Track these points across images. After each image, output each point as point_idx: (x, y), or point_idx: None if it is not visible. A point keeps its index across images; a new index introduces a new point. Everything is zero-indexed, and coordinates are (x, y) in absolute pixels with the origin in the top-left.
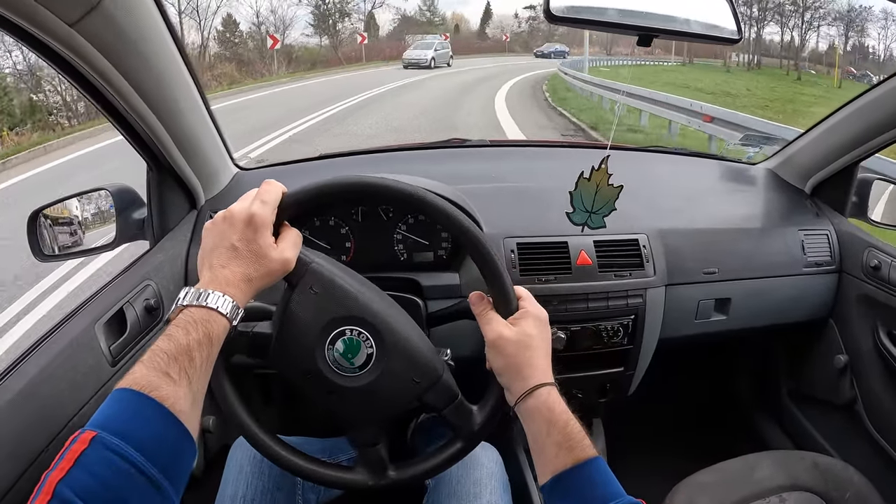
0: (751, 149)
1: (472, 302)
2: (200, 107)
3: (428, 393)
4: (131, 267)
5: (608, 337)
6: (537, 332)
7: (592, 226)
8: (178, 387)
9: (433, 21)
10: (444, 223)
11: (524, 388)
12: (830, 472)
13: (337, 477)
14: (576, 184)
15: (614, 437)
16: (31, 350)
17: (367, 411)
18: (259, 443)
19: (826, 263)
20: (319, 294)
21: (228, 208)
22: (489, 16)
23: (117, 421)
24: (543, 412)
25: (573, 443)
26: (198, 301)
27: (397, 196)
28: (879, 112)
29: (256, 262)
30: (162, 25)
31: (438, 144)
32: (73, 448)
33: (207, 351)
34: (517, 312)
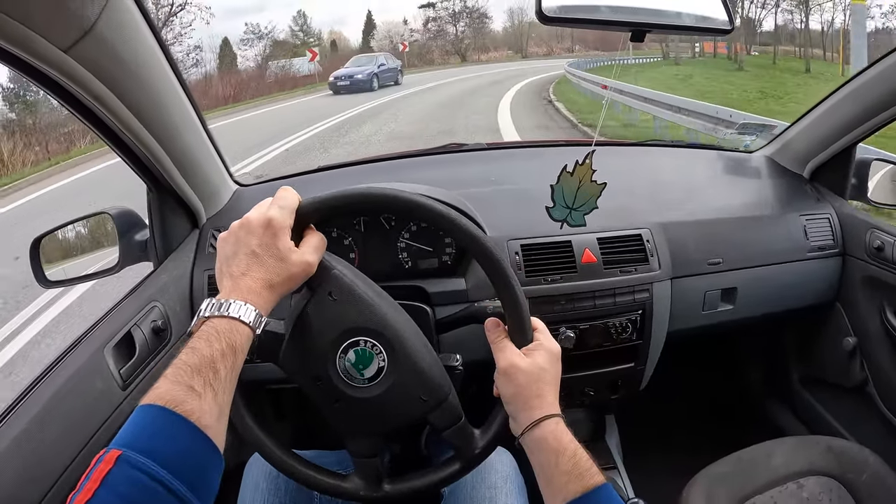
0: (747, 137)
1: (488, 328)
2: (197, 126)
3: (433, 412)
4: (137, 289)
5: (617, 333)
6: (549, 366)
7: (572, 223)
8: (203, 400)
9: (308, 42)
10: (468, 244)
11: (531, 418)
12: (846, 455)
13: (331, 484)
14: (558, 178)
15: (628, 433)
16: (42, 377)
17: (370, 423)
18: (255, 441)
19: (829, 247)
20: (338, 301)
21: (244, 216)
22: (372, 27)
23: (142, 438)
24: (551, 442)
25: (582, 471)
26: (220, 311)
27: (427, 216)
28: (874, 93)
29: (277, 266)
30: (156, 47)
31: (437, 150)
32: (98, 468)
33: (232, 361)
34: (531, 344)
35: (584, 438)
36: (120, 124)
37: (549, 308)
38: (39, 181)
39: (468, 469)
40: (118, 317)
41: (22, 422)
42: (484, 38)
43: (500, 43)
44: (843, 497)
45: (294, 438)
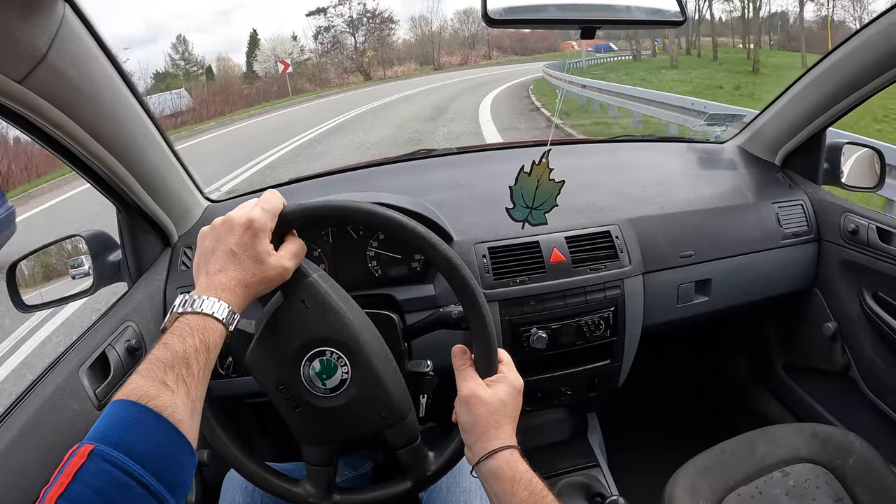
0: (717, 128)
1: (455, 355)
2: (161, 145)
3: (391, 429)
4: (111, 310)
5: (590, 331)
6: (510, 399)
7: (533, 222)
8: (176, 396)
9: (190, 71)
10: (447, 272)
11: (487, 448)
12: (830, 440)
13: (281, 487)
14: (516, 178)
15: (610, 430)
16: (18, 402)
17: (326, 433)
18: (215, 443)
19: (804, 233)
20: (309, 309)
21: (227, 214)
22: (255, 45)
23: (115, 433)
24: (506, 471)
25: (538, 498)
26: (192, 308)
27: (414, 239)
28: (838, 77)
29: (254, 267)
30: (111, 71)
31: (406, 157)
32: (71, 462)
33: (205, 358)
34: (495, 375)
35: (565, 438)
36: (82, 149)
37: (519, 309)
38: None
39: (419, 489)
40: (93, 338)
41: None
42: (389, 49)
43: (405, 55)
44: (831, 483)
45: (277, 452)
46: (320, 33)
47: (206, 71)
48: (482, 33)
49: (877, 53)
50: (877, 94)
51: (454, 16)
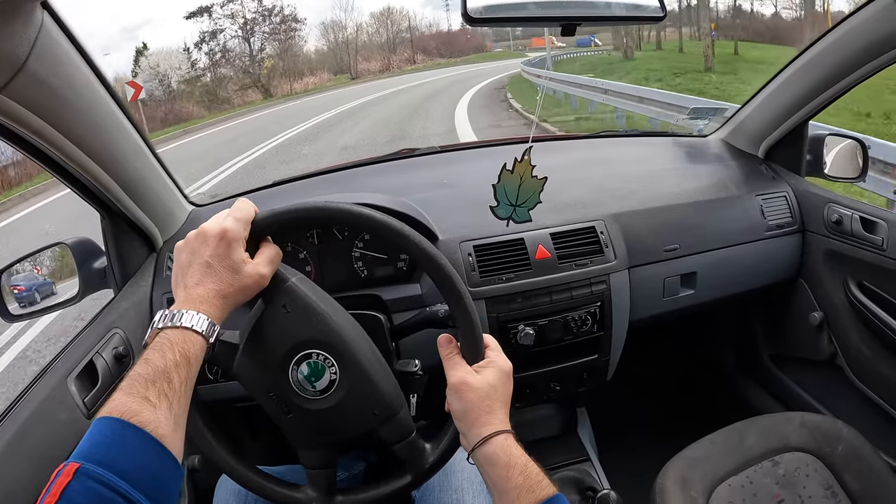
0: (700, 121)
1: (441, 344)
2: (144, 151)
3: (384, 426)
4: (97, 317)
5: (577, 326)
6: (500, 384)
7: (518, 220)
8: (159, 411)
9: None
10: (423, 263)
11: (481, 434)
12: (819, 429)
13: (284, 494)
14: (498, 176)
15: (600, 425)
16: (6, 414)
17: (321, 435)
18: (213, 455)
19: (788, 225)
20: (291, 313)
21: (200, 226)
22: (138, 61)
23: (99, 450)
24: (501, 456)
25: (533, 483)
26: (172, 322)
27: (385, 232)
28: (820, 69)
29: (230, 277)
30: (92, 77)
31: (389, 157)
32: (57, 481)
33: (186, 371)
34: (483, 361)
35: (555, 433)
36: (63, 156)
37: (506, 307)
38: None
39: (418, 483)
40: (80, 346)
41: None
42: (294, 57)
43: (316, 64)
44: (820, 471)
45: (268, 456)
46: (204, 41)
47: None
48: (404, 35)
49: (858, 45)
50: (858, 85)
51: (370, 18)
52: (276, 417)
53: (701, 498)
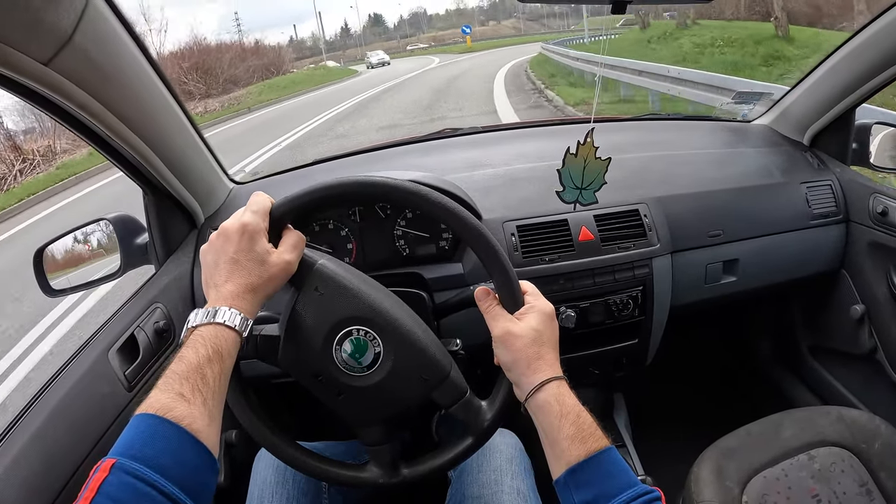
0: (745, 106)
1: (478, 298)
2: (188, 127)
3: (436, 390)
4: (139, 292)
5: (619, 310)
6: (544, 327)
7: (584, 202)
8: (193, 406)
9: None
10: (443, 218)
11: (533, 382)
12: (857, 424)
13: (349, 476)
14: (563, 161)
15: (637, 410)
16: (48, 384)
17: (376, 410)
18: (272, 445)
19: (832, 214)
20: (324, 295)
21: (220, 226)
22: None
23: (135, 445)
24: (554, 406)
25: (585, 434)
26: (206, 319)
27: (394, 194)
28: (869, 55)
29: (258, 269)
30: (137, 53)
31: (430, 136)
32: (94, 477)
33: (219, 367)
34: (523, 307)
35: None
36: (108, 131)
37: (549, 288)
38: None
39: (481, 443)
40: (121, 320)
41: (30, 428)
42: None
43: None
44: (856, 467)
45: (303, 431)
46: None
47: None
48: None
49: None
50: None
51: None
52: (328, 401)
53: (736, 488)
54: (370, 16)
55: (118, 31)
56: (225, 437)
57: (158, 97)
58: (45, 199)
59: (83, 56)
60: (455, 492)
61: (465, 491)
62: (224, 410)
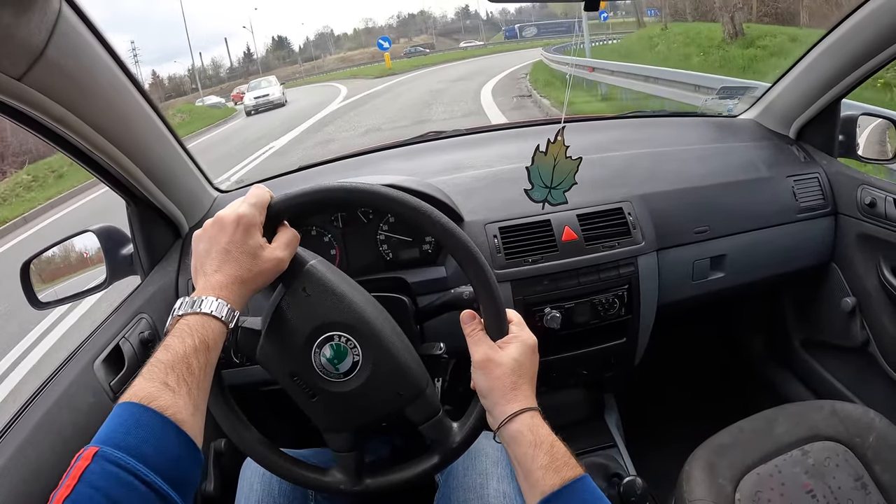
0: (730, 101)
1: (463, 321)
2: (167, 137)
3: (410, 406)
4: (124, 303)
5: (605, 310)
6: (525, 359)
7: (553, 202)
8: (178, 396)
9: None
10: (441, 237)
11: (507, 412)
12: (850, 418)
13: (310, 477)
14: (532, 158)
15: (628, 410)
16: (34, 397)
17: (347, 418)
18: (241, 439)
19: (820, 207)
20: (311, 296)
21: (216, 214)
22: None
23: (118, 434)
24: (527, 435)
25: (559, 464)
26: (192, 309)
27: (397, 208)
28: (851, 46)
29: (249, 262)
30: (112, 64)
31: (415, 140)
32: (77, 465)
33: (205, 357)
34: (507, 336)
35: (582, 418)
36: (87, 143)
37: (533, 289)
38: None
39: (446, 463)
40: (106, 331)
41: (16, 440)
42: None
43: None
44: (850, 461)
45: (293, 438)
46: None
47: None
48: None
49: (893, 19)
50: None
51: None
52: (301, 402)
53: (728, 486)
54: (273, 38)
55: (92, 44)
56: (214, 445)
57: (136, 107)
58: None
59: (57, 70)
60: (441, 495)
61: (451, 495)
62: (210, 418)
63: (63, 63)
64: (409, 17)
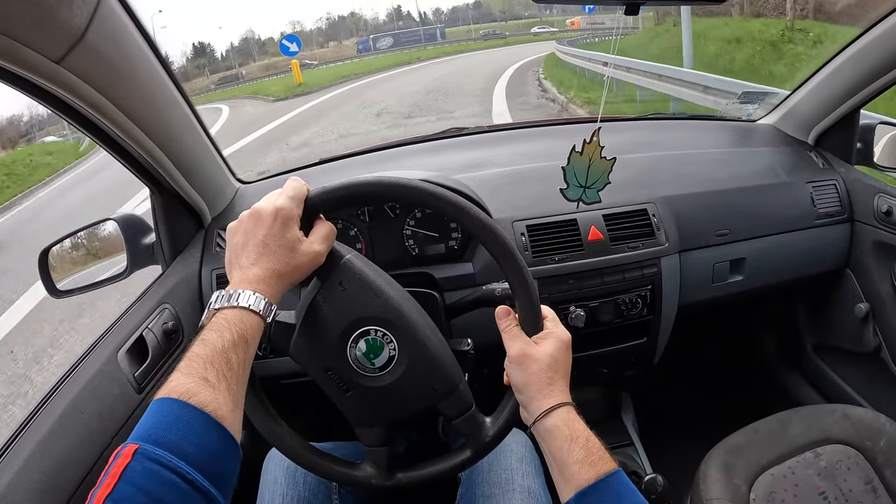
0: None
1: (498, 316)
2: (196, 128)
3: (444, 401)
4: (146, 293)
5: (627, 309)
6: (560, 355)
7: (587, 201)
8: (217, 391)
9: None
10: (479, 233)
11: (543, 406)
12: (862, 422)
13: (341, 472)
14: (568, 158)
15: (644, 409)
16: (58, 386)
17: (380, 412)
18: (270, 431)
19: (837, 213)
20: (348, 290)
21: (253, 206)
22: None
23: (158, 431)
24: (563, 430)
25: (595, 458)
26: (229, 302)
27: (437, 204)
28: (874, 56)
29: (286, 255)
30: (148, 52)
31: (437, 136)
32: (116, 463)
33: (244, 352)
34: (542, 332)
35: (599, 417)
36: (118, 130)
37: (558, 287)
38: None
39: (479, 457)
40: (129, 321)
41: (41, 431)
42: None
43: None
44: (861, 465)
45: (312, 432)
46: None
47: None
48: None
49: None
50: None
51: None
52: (334, 396)
53: (744, 486)
54: (194, 45)
55: (130, 30)
56: None
57: (169, 97)
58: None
59: (96, 54)
60: (466, 491)
61: (475, 490)
62: None
63: (102, 48)
64: (339, 20)
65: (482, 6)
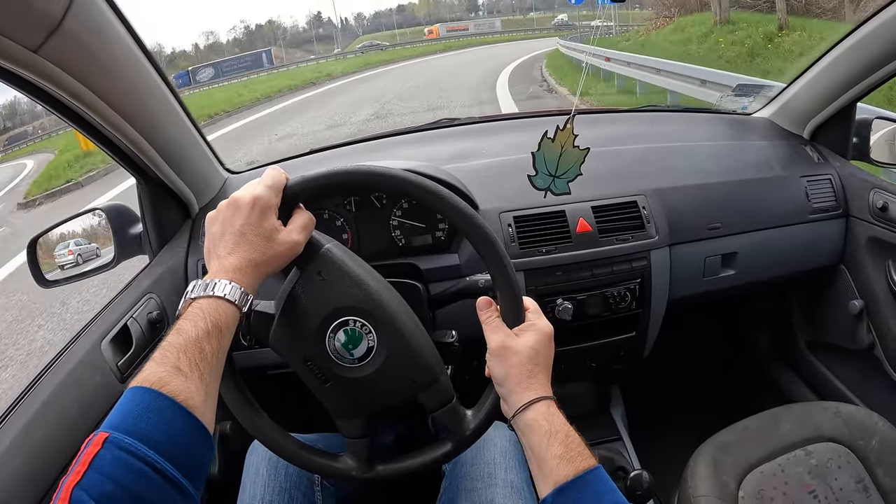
0: (745, 99)
1: (479, 307)
2: (181, 117)
3: (424, 392)
4: (132, 282)
5: (616, 303)
6: (542, 347)
7: (556, 191)
8: (190, 380)
9: None
10: (460, 223)
11: (523, 400)
12: (854, 420)
13: (322, 463)
14: (539, 144)
15: (634, 404)
16: (41, 375)
17: (360, 404)
18: (249, 423)
19: (832, 208)
20: (326, 280)
21: (231, 196)
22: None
23: (129, 420)
24: (542, 424)
25: (573, 454)
26: (205, 292)
27: (416, 193)
28: (871, 49)
29: (263, 245)
30: (129, 40)
31: (428, 126)
32: (87, 451)
33: (218, 341)
34: (523, 324)
35: (588, 411)
36: (100, 119)
37: (545, 280)
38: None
39: (459, 450)
40: (114, 311)
41: (23, 419)
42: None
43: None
44: (853, 463)
45: (300, 422)
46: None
47: None
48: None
49: None
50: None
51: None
52: (313, 387)
53: (732, 483)
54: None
55: (109, 18)
56: (219, 428)
57: (152, 85)
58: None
59: (74, 43)
60: (449, 484)
61: (458, 484)
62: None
63: (80, 36)
64: (256, 29)
65: (405, 10)
